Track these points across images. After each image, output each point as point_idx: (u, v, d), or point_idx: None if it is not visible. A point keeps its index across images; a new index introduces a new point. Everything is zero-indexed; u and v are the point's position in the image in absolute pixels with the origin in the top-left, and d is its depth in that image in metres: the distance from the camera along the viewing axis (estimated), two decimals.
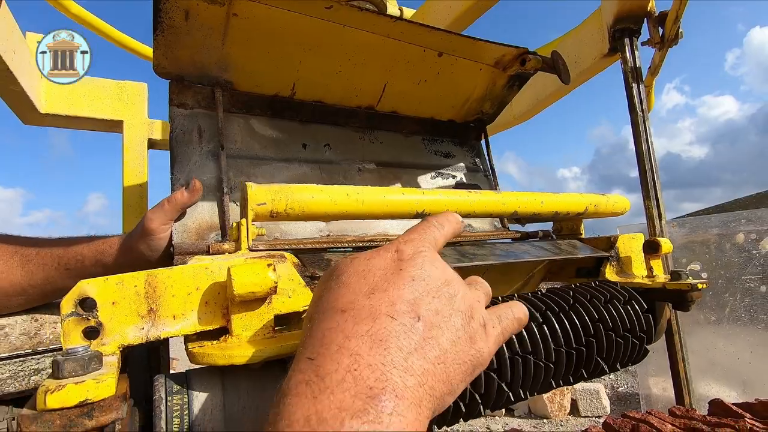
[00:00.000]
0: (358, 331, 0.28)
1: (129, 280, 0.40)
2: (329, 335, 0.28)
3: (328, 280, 0.35)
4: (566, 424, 3.89)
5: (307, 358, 0.28)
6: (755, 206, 11.54)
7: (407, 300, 0.31)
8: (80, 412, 0.28)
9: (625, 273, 0.86)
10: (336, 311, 0.30)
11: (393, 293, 0.31)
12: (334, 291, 0.32)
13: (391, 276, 0.32)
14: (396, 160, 1.06)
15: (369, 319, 0.29)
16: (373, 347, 0.27)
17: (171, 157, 0.79)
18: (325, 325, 0.30)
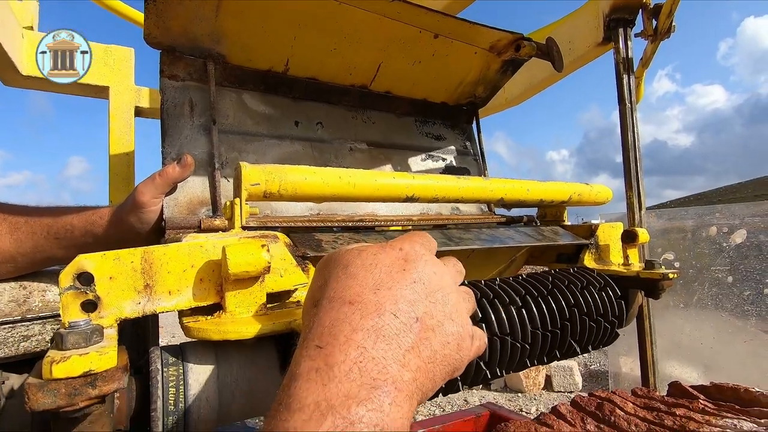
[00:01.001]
0: (364, 324, 0.30)
1: (126, 257, 0.41)
2: (338, 326, 0.30)
3: (334, 268, 0.36)
4: (540, 398, 4.08)
5: (317, 345, 0.30)
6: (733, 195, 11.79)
7: (409, 300, 0.33)
8: (84, 381, 0.30)
9: (603, 260, 0.90)
10: (344, 302, 0.32)
11: (397, 292, 0.33)
12: (342, 281, 0.34)
13: (396, 275, 0.34)
14: (387, 141, 1.07)
15: (375, 314, 0.31)
16: (377, 342, 0.30)
17: (162, 129, 0.79)
18: (334, 315, 0.31)
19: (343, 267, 0.35)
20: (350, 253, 0.36)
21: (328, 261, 0.38)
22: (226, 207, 0.54)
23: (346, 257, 0.36)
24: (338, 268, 0.35)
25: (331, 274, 0.35)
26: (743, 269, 1.03)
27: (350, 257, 0.36)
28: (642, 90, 1.14)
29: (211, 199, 0.79)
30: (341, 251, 0.37)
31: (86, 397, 0.30)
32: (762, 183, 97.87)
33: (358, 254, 0.36)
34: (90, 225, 0.76)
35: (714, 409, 0.46)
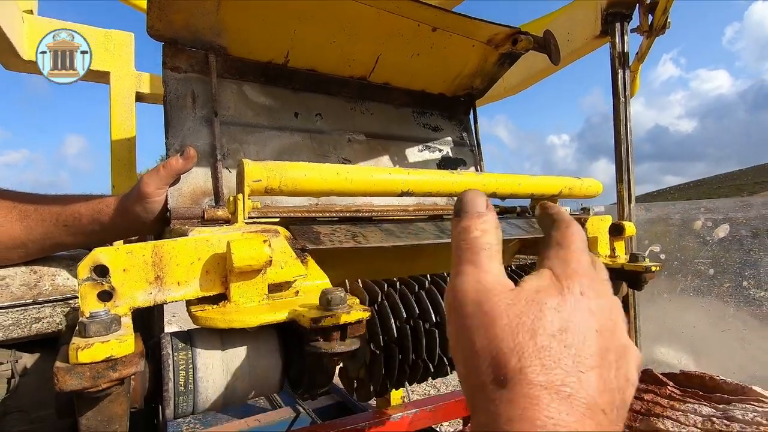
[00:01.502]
0: (568, 421, 0.24)
1: (138, 250, 0.44)
2: (538, 416, 0.24)
3: (514, 330, 0.27)
4: None
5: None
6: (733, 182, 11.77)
7: (614, 387, 0.28)
8: (106, 365, 0.34)
9: (590, 252, 0.94)
10: (542, 388, 0.25)
11: (608, 375, 0.27)
12: (527, 348, 0.26)
13: (604, 355, 0.28)
14: (385, 132, 1.09)
15: (590, 417, 0.25)
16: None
17: (165, 121, 0.81)
18: (527, 402, 0.25)
19: (529, 333, 0.27)
20: (529, 311, 0.28)
21: (491, 303, 0.29)
22: (230, 202, 0.57)
23: (530, 317, 0.27)
24: (521, 334, 0.27)
25: (517, 342, 0.27)
26: (724, 262, 1.07)
27: (531, 318, 0.27)
28: (637, 84, 1.15)
29: (213, 190, 0.82)
30: (506, 295, 0.29)
31: (108, 380, 0.34)
32: (762, 170, 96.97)
33: (540, 315, 0.27)
34: (97, 213, 0.79)
35: (679, 395, 0.50)
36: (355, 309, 0.46)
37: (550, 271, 0.31)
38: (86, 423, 0.36)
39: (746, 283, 1.04)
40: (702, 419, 0.43)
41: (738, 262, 1.05)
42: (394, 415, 1.15)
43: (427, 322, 0.58)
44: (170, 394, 0.42)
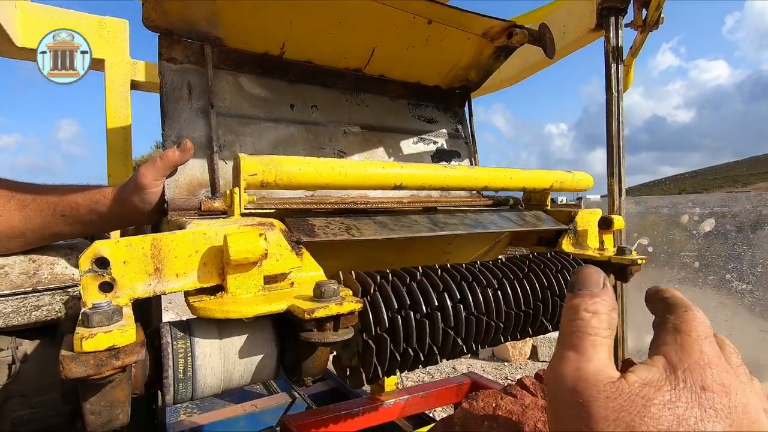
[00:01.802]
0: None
1: (137, 243, 0.46)
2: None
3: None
4: (525, 368, 4.28)
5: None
6: (728, 173, 11.86)
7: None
8: (109, 354, 0.35)
9: (580, 244, 0.96)
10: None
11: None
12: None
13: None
14: (380, 124, 1.10)
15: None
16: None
17: (161, 112, 0.82)
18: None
19: (626, 428, 0.24)
20: (630, 407, 0.25)
21: (600, 409, 0.26)
22: (226, 195, 0.58)
23: (630, 413, 0.25)
24: (618, 429, 0.25)
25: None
26: (709, 256, 1.09)
27: (632, 414, 0.25)
28: (631, 78, 1.17)
29: (210, 181, 0.83)
30: (618, 393, 0.26)
31: (111, 368, 0.36)
32: (757, 161, 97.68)
33: (644, 412, 0.25)
34: (94, 204, 0.80)
35: None
36: (348, 301, 0.48)
37: (663, 360, 0.28)
38: (90, 408, 0.38)
39: (729, 276, 1.07)
40: None
41: (722, 255, 1.08)
42: (387, 401, 1.18)
43: (418, 313, 0.60)
44: (170, 381, 0.44)
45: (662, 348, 0.29)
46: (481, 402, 0.54)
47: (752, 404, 0.26)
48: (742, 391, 0.26)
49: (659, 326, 0.31)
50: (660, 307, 0.33)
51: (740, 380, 0.27)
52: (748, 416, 0.26)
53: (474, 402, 0.54)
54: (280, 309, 0.47)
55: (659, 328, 0.31)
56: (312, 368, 0.51)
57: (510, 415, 0.52)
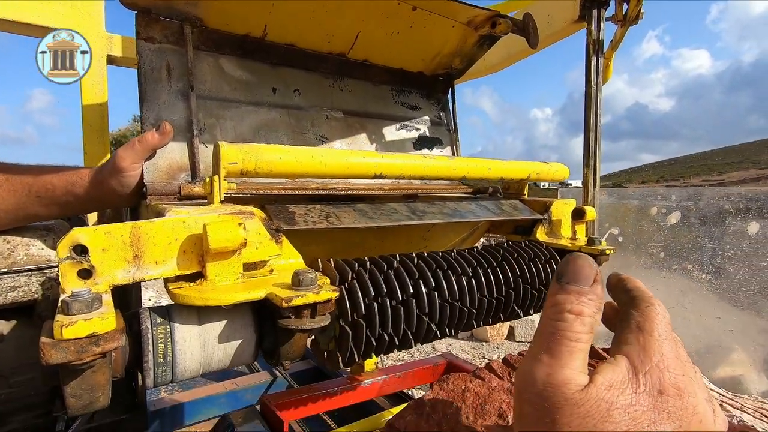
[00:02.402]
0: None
1: (116, 231, 0.46)
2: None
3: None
4: (502, 348, 4.41)
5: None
6: (704, 162, 12.26)
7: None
8: (89, 341, 0.36)
9: (554, 234, 0.99)
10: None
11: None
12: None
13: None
14: (363, 110, 1.10)
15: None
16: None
17: (140, 94, 0.80)
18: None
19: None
20: (594, 412, 0.26)
21: (565, 416, 0.27)
22: (206, 183, 0.58)
23: (594, 419, 0.26)
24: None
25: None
26: (674, 246, 1.15)
27: (596, 419, 0.26)
28: (610, 71, 1.19)
29: (189, 165, 0.82)
30: (584, 400, 0.27)
31: (91, 354, 0.37)
32: (732, 151, 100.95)
33: (606, 416, 0.26)
34: (71, 185, 0.79)
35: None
36: (325, 289, 0.49)
37: (626, 361, 0.29)
38: (71, 391, 0.40)
39: (691, 266, 1.13)
40: None
41: (686, 246, 1.13)
42: (366, 380, 1.22)
43: (394, 300, 0.62)
44: (150, 365, 0.45)
45: (625, 348, 0.30)
46: (450, 384, 0.57)
47: (700, 404, 0.28)
48: (693, 392, 0.28)
49: (622, 322, 0.32)
50: (623, 298, 0.34)
51: (692, 380, 0.29)
52: (697, 416, 0.28)
53: (444, 384, 0.57)
54: (259, 297, 0.49)
55: (623, 325, 0.32)
56: (290, 352, 0.53)
57: (477, 398, 0.55)
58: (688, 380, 0.29)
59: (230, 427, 0.93)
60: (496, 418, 0.52)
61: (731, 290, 1.12)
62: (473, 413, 0.52)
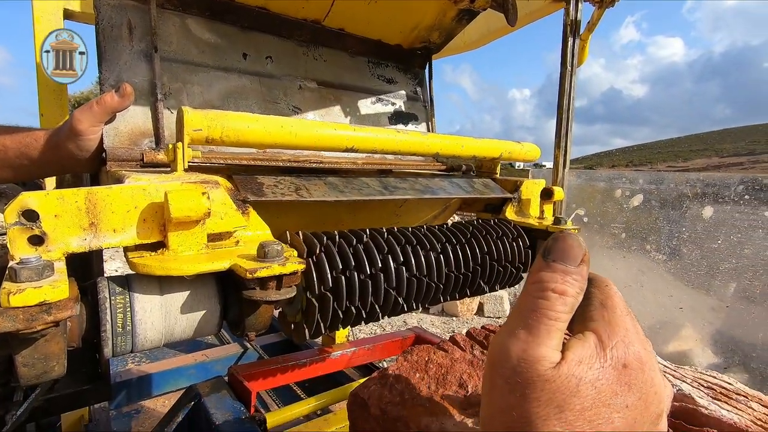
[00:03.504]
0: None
1: (69, 196, 0.44)
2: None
3: (542, 406, 0.27)
4: (471, 323, 4.56)
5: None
6: (671, 148, 12.72)
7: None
8: (40, 309, 0.35)
9: (522, 213, 1.01)
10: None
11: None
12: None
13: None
14: (338, 81, 1.07)
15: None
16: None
17: (98, 52, 0.75)
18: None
19: (556, 408, 0.27)
20: (564, 388, 0.27)
21: (536, 391, 0.28)
22: (169, 150, 0.56)
23: (563, 394, 0.27)
24: (548, 408, 0.27)
25: (538, 413, 0.27)
26: (635, 228, 1.20)
27: (565, 394, 0.27)
28: (586, 53, 1.19)
29: (153, 131, 0.79)
30: (555, 377, 0.28)
31: (42, 322, 0.35)
32: (697, 138, 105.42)
33: (575, 391, 0.27)
34: (24, 147, 0.75)
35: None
36: (291, 261, 0.49)
37: (594, 337, 0.30)
38: (22, 360, 0.38)
39: (649, 246, 1.19)
40: None
41: (645, 228, 1.18)
42: (335, 352, 1.24)
43: (362, 274, 0.63)
44: (108, 335, 0.44)
45: (592, 324, 0.31)
46: (415, 356, 0.58)
47: (657, 376, 0.30)
48: (652, 366, 0.30)
49: (585, 299, 0.33)
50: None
51: (650, 353, 0.30)
52: (654, 387, 0.29)
53: (409, 356, 0.59)
54: (223, 267, 0.48)
55: (586, 302, 0.32)
56: (255, 324, 0.53)
57: (440, 368, 0.57)
58: (648, 354, 0.30)
59: (197, 397, 0.93)
60: (457, 388, 0.53)
61: (684, 270, 1.19)
62: (435, 383, 0.54)
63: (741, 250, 1.14)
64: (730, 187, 1.12)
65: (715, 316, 1.24)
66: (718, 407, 0.45)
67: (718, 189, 1.10)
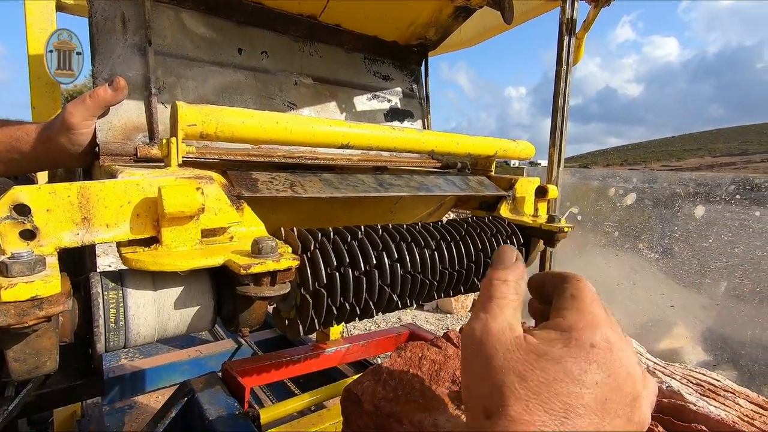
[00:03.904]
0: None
1: (62, 191, 0.44)
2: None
3: (509, 375, 0.29)
4: (465, 319, 4.58)
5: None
6: (665, 148, 12.81)
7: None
8: (32, 304, 0.35)
9: (517, 210, 1.02)
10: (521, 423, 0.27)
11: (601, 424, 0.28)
12: (524, 404, 0.28)
13: (613, 420, 0.29)
14: (334, 77, 1.07)
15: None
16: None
17: (91, 46, 0.75)
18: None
19: (519, 377, 0.29)
20: (527, 357, 0.29)
21: (491, 348, 0.31)
22: (163, 145, 0.56)
23: (524, 364, 0.29)
24: (512, 376, 0.29)
25: (504, 380, 0.29)
26: (627, 226, 1.21)
27: (525, 365, 0.29)
28: (582, 52, 1.20)
29: (147, 125, 0.78)
30: (511, 343, 0.31)
31: (34, 317, 0.35)
32: (691, 138, 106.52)
33: (536, 364, 0.29)
34: (15, 141, 0.74)
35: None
36: (285, 257, 0.49)
37: (563, 320, 0.32)
38: (13, 356, 0.38)
39: (641, 245, 1.20)
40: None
41: (638, 227, 1.19)
42: (329, 348, 1.25)
43: (357, 270, 0.63)
44: (100, 330, 0.44)
45: (562, 312, 0.33)
46: (408, 353, 0.59)
47: (628, 357, 0.31)
48: (622, 348, 0.31)
49: (557, 293, 0.36)
50: (555, 280, 0.38)
51: (621, 337, 0.32)
52: (624, 368, 0.30)
53: (402, 352, 0.59)
54: (216, 263, 0.48)
55: (558, 295, 0.36)
56: (249, 320, 0.53)
57: (433, 365, 0.57)
58: (617, 336, 0.32)
59: (191, 392, 0.93)
60: (450, 384, 0.54)
61: (676, 269, 1.21)
62: (428, 379, 0.54)
63: (732, 250, 1.15)
64: (722, 187, 1.14)
65: (706, 314, 1.25)
66: (706, 403, 0.45)
67: (710, 188, 1.11)
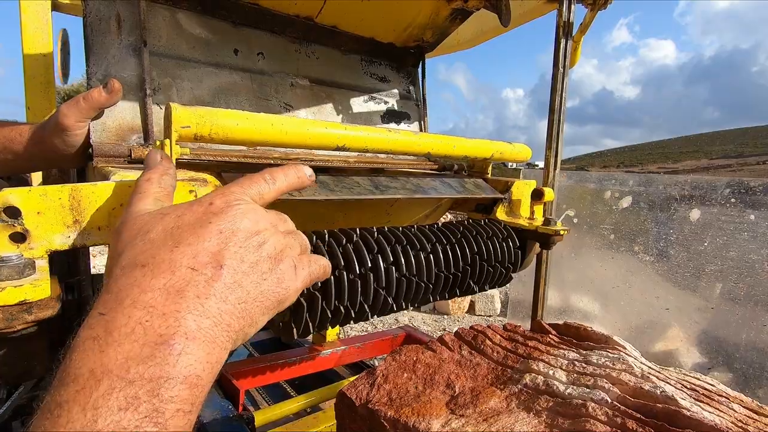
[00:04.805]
0: (155, 284, 0.30)
1: (53, 193, 0.43)
2: (125, 290, 0.29)
3: (134, 236, 0.35)
4: (462, 321, 4.58)
5: (99, 313, 0.28)
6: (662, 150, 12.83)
7: (211, 251, 0.33)
8: (20, 308, 0.34)
9: (513, 213, 1.02)
10: (136, 266, 0.31)
11: (197, 246, 0.33)
12: (138, 247, 0.33)
13: (199, 230, 0.34)
14: (330, 79, 1.07)
15: (168, 272, 0.31)
16: (168, 298, 0.29)
17: (85, 46, 0.74)
18: (123, 281, 0.30)
19: (143, 234, 0.34)
20: (153, 218, 0.36)
21: (127, 227, 0.36)
22: (156, 147, 0.55)
23: (148, 223, 0.35)
24: (138, 236, 0.34)
25: (130, 241, 0.34)
26: (623, 229, 1.21)
27: (152, 223, 0.35)
28: (578, 55, 1.20)
29: (142, 127, 0.78)
30: (143, 216, 0.37)
31: (23, 322, 0.35)
32: (687, 140, 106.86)
33: (161, 219, 0.35)
34: (8, 141, 0.73)
35: (557, 343, 0.59)
36: None
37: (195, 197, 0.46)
38: (2, 360, 0.38)
39: (637, 248, 1.20)
40: (567, 362, 0.52)
41: (634, 230, 1.20)
42: (325, 351, 1.24)
43: (351, 273, 0.63)
44: None
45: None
46: (403, 356, 0.59)
47: (249, 214, 0.38)
48: (244, 210, 0.38)
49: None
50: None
51: (241, 201, 0.39)
52: (243, 217, 0.37)
53: (397, 356, 0.59)
54: None
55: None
56: None
57: (428, 368, 0.57)
58: (237, 198, 0.39)
59: None
60: (444, 388, 0.54)
61: (671, 271, 1.21)
62: (423, 383, 0.54)
63: (726, 252, 1.16)
64: (717, 190, 1.14)
65: (701, 317, 1.26)
66: (700, 409, 0.45)
67: (706, 192, 1.11)
